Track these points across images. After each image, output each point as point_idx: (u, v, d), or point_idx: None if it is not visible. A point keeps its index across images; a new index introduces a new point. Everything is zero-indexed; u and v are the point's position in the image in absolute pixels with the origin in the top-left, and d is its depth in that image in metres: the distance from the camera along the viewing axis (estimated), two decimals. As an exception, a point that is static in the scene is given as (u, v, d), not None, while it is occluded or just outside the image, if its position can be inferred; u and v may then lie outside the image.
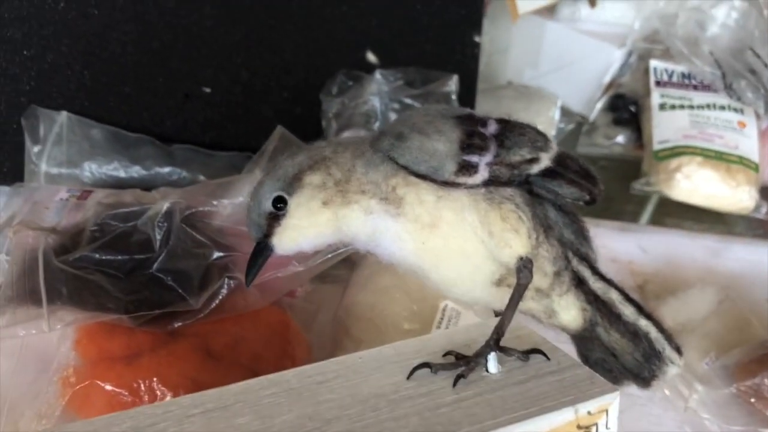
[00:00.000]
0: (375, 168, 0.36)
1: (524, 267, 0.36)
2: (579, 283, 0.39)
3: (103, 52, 0.65)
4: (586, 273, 0.39)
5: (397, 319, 0.55)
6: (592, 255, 0.40)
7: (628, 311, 0.39)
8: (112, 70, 0.66)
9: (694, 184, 0.80)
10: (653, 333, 0.39)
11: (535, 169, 0.37)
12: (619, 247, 0.73)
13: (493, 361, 0.35)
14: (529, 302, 0.39)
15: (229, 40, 0.67)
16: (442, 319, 0.54)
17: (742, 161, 0.80)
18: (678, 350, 0.39)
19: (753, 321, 0.63)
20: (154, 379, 0.48)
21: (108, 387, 0.48)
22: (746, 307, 0.65)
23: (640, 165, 0.85)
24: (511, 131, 0.37)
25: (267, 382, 0.34)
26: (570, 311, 0.39)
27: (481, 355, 0.35)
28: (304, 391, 0.33)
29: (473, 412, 0.32)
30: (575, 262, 0.39)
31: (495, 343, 0.35)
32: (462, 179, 0.35)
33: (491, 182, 0.36)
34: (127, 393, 0.48)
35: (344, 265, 0.63)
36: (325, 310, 0.59)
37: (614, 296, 0.39)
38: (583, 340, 0.41)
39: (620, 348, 0.40)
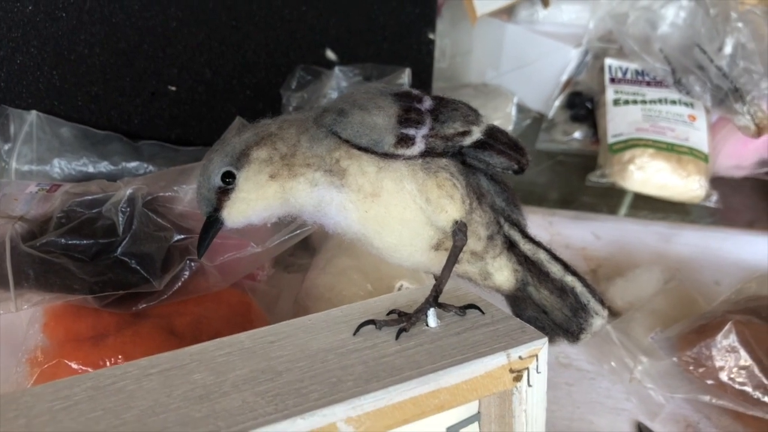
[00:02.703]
0: (319, 142, 0.38)
1: (459, 230, 0.39)
2: (511, 246, 0.42)
3: (71, 53, 0.67)
4: (517, 236, 0.42)
5: (355, 299, 0.56)
6: (522, 221, 0.43)
7: (555, 269, 0.42)
8: (80, 70, 0.67)
9: (646, 174, 0.83)
10: (578, 287, 0.42)
11: (468, 141, 0.40)
12: (574, 234, 0.76)
13: (432, 317, 0.38)
14: (465, 265, 0.41)
15: (193, 40, 0.69)
16: (397, 298, 0.57)
17: (693, 152, 0.84)
18: (602, 302, 0.42)
19: (699, 300, 0.66)
20: (120, 357, 0.50)
21: (75, 365, 0.50)
22: (694, 288, 0.68)
23: (597, 159, 0.88)
24: (444, 106, 0.40)
25: (221, 344, 0.37)
26: (503, 272, 0.42)
27: (421, 311, 0.38)
28: (257, 349, 0.36)
29: (414, 359, 0.35)
30: (506, 227, 0.42)
31: (434, 299, 0.38)
32: (400, 151, 0.38)
33: (427, 153, 0.38)
34: (93, 371, 0.50)
35: (306, 254, 0.66)
36: (286, 294, 0.62)
37: (542, 256, 0.42)
38: (516, 299, 0.43)
39: (550, 305, 0.43)
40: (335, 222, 0.39)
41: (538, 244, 0.42)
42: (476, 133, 0.40)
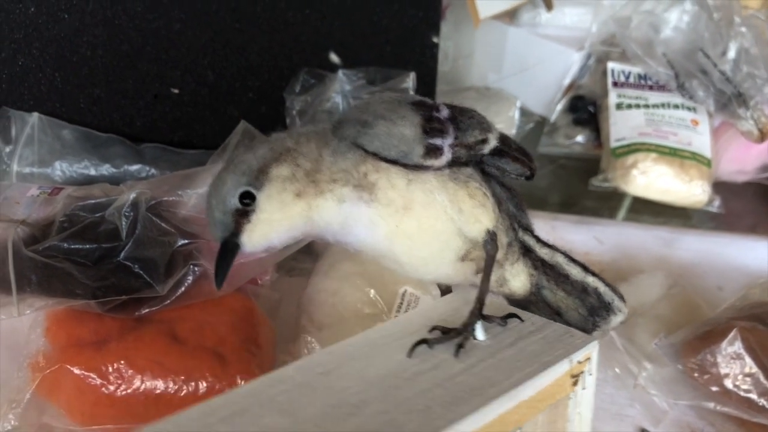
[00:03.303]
0: (342, 156, 0.36)
1: (491, 239, 0.38)
2: (526, 251, 0.42)
3: (73, 55, 0.66)
4: (531, 241, 0.42)
5: (358, 305, 0.57)
6: (532, 225, 0.43)
7: (574, 271, 0.42)
8: (82, 72, 0.67)
9: (649, 179, 0.83)
10: (601, 287, 0.42)
11: (487, 148, 0.39)
12: (576, 239, 0.75)
13: (480, 330, 0.37)
14: (479, 276, 0.41)
15: (196, 42, 0.68)
16: (401, 303, 0.57)
17: (695, 157, 0.83)
18: (623, 299, 0.43)
19: (702, 305, 0.66)
20: (122, 362, 0.50)
21: (77, 371, 0.49)
22: (697, 293, 0.68)
23: (599, 163, 0.88)
24: (462, 115, 0.39)
25: (271, 381, 0.33)
26: (520, 278, 0.42)
27: (469, 324, 0.37)
28: (314, 383, 0.33)
29: (486, 376, 0.34)
30: (521, 233, 0.42)
31: (479, 312, 0.38)
32: (429, 162, 0.37)
33: (453, 163, 0.38)
34: (95, 376, 0.50)
35: (309, 258, 0.66)
36: (289, 298, 0.61)
37: (560, 259, 0.42)
38: (527, 303, 0.43)
39: (565, 306, 0.43)
40: (360, 239, 0.37)
41: (553, 247, 0.42)
42: (492, 141, 0.39)
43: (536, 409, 0.34)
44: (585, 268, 0.42)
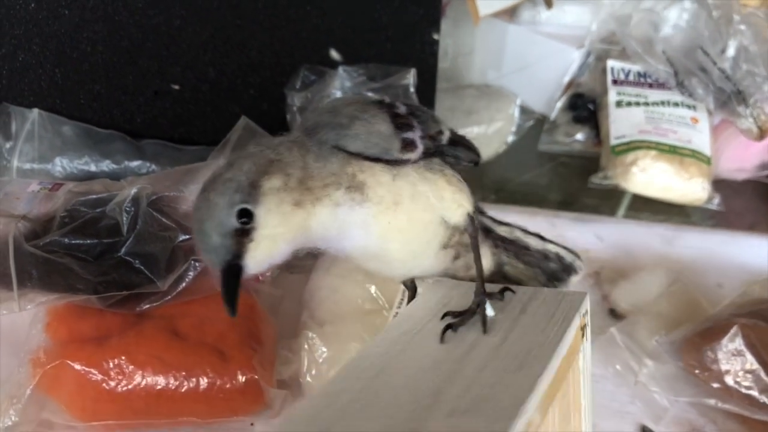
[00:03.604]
0: (327, 160, 0.36)
1: (471, 221, 0.40)
2: (487, 232, 0.44)
3: (73, 51, 0.66)
4: (488, 222, 0.44)
5: (359, 301, 0.57)
6: (482, 208, 0.44)
7: (533, 242, 0.44)
8: (82, 68, 0.67)
9: (649, 176, 0.83)
10: (561, 251, 0.45)
11: (444, 138, 0.40)
12: (576, 236, 0.75)
13: (489, 307, 0.38)
14: (455, 262, 0.42)
15: (197, 39, 0.68)
16: (402, 300, 0.57)
17: (695, 155, 0.83)
18: (579, 257, 0.45)
19: (702, 302, 0.66)
20: (123, 358, 0.50)
21: (77, 366, 0.49)
22: (697, 290, 0.68)
23: (599, 161, 0.88)
24: (416, 110, 0.40)
25: (329, 396, 0.32)
26: (485, 259, 0.43)
27: (480, 303, 0.38)
28: (373, 386, 0.32)
29: (522, 343, 0.35)
30: (477, 215, 0.42)
31: (483, 291, 0.38)
32: (407, 155, 0.37)
33: (424, 155, 0.38)
34: (96, 372, 0.50)
35: (309, 255, 0.65)
36: (290, 295, 0.61)
37: (519, 234, 0.44)
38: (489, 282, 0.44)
39: (526, 277, 0.45)
40: (355, 242, 0.37)
41: (508, 224, 0.44)
42: (446, 131, 0.41)
43: (568, 363, 0.36)
44: (542, 237, 0.45)
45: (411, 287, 0.44)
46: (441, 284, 0.42)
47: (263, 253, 0.34)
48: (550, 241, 0.46)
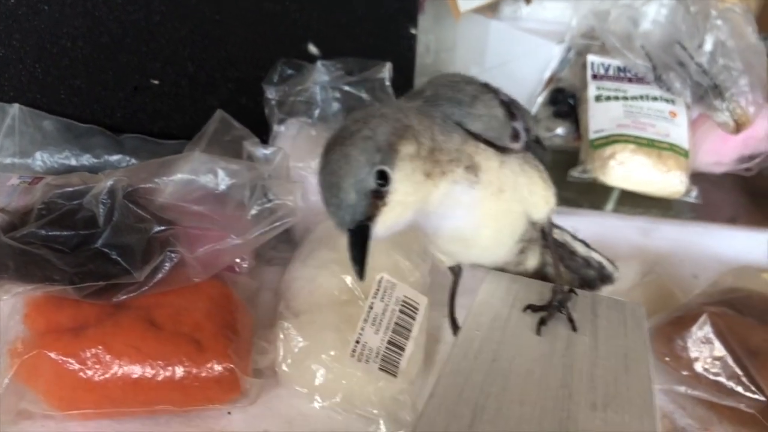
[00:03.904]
0: (449, 135, 0.35)
1: (549, 219, 0.40)
2: (542, 232, 0.43)
3: (53, 46, 0.67)
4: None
5: (335, 292, 0.57)
6: None
7: (580, 248, 0.45)
8: (63, 63, 0.67)
9: (627, 170, 0.84)
10: (604, 261, 0.46)
11: (533, 134, 0.40)
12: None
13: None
14: (518, 256, 0.42)
15: (176, 34, 0.69)
16: (378, 290, 0.57)
17: (673, 148, 0.84)
18: (617, 268, 0.47)
19: (676, 292, 0.67)
20: (100, 347, 0.50)
21: (55, 356, 0.50)
22: (672, 281, 0.69)
23: (579, 155, 0.89)
24: (515, 102, 0.40)
25: (457, 385, 0.32)
26: (535, 256, 0.43)
27: (564, 300, 0.39)
28: (497, 369, 0.33)
29: (618, 345, 0.36)
30: None
31: (567, 290, 0.39)
32: (513, 144, 0.37)
33: (522, 148, 0.38)
34: (73, 362, 0.50)
35: (289, 247, 0.66)
36: (267, 286, 0.62)
37: (568, 238, 0.44)
38: None
39: (563, 281, 0.43)
40: (456, 222, 0.36)
41: (560, 227, 0.44)
42: (534, 127, 0.41)
43: None
44: (587, 245, 0.46)
45: (459, 273, 0.44)
46: (502, 276, 0.42)
47: (393, 219, 0.33)
48: (594, 250, 0.46)
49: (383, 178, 0.32)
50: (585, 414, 0.30)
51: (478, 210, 0.36)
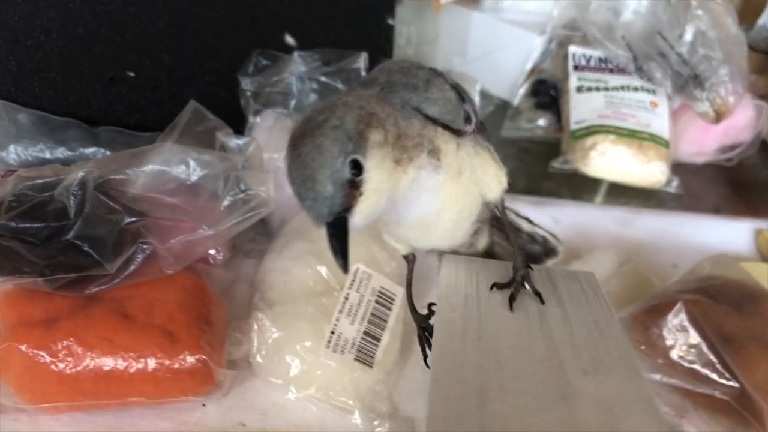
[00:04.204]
0: (410, 121, 0.34)
1: (501, 199, 0.41)
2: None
3: (27, 38, 0.66)
4: None
5: (310, 283, 0.57)
6: None
7: (525, 225, 0.46)
8: (37, 56, 0.67)
9: (608, 160, 0.84)
10: (547, 235, 0.47)
11: (478, 118, 0.40)
12: (534, 218, 0.76)
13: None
14: (471, 237, 0.42)
15: (152, 25, 0.68)
16: (353, 281, 0.57)
17: (654, 138, 0.84)
18: (560, 242, 0.48)
19: (654, 281, 0.67)
20: (71, 340, 0.50)
21: (26, 349, 0.50)
22: (650, 270, 0.69)
23: (561, 146, 0.89)
24: (459, 86, 0.40)
25: (451, 364, 0.33)
26: (485, 236, 0.44)
27: (526, 275, 0.39)
28: (487, 348, 0.33)
29: (585, 313, 0.37)
30: None
31: (526, 265, 0.40)
32: (466, 127, 0.37)
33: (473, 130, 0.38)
34: (44, 354, 0.50)
35: (266, 240, 0.66)
36: (244, 278, 0.62)
37: (512, 216, 0.44)
38: None
39: (510, 257, 0.45)
40: (420, 208, 0.36)
41: (504, 206, 0.44)
42: (477, 110, 0.41)
43: None
44: (530, 221, 0.47)
45: (413, 261, 0.44)
46: (458, 259, 0.42)
47: (369, 208, 0.32)
48: (538, 225, 0.47)
49: (357, 167, 0.31)
50: (579, 380, 0.31)
51: (440, 194, 0.36)
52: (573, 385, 0.31)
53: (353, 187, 0.31)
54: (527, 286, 0.38)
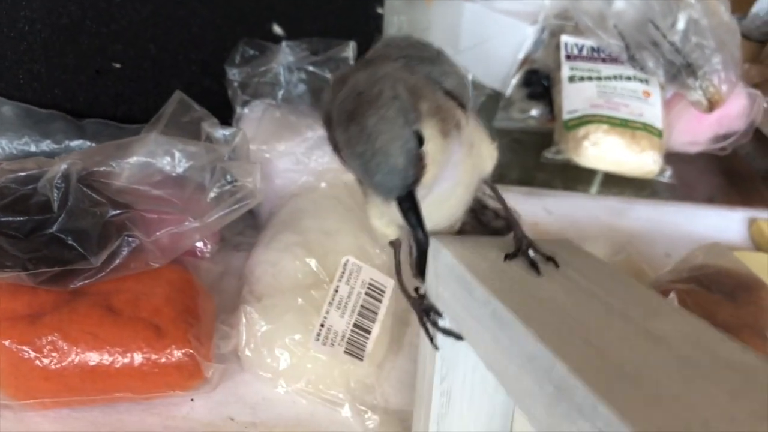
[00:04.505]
0: (438, 94, 0.34)
1: (491, 175, 0.40)
2: None
3: (11, 30, 0.65)
4: None
5: (299, 275, 0.56)
6: None
7: (489, 201, 0.43)
8: (20, 47, 0.66)
9: (600, 150, 0.83)
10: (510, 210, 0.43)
11: None
12: (526, 209, 0.75)
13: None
14: (456, 222, 0.41)
15: (137, 15, 0.67)
16: (343, 273, 0.56)
17: (647, 128, 0.84)
18: (519, 215, 0.44)
19: (647, 271, 0.66)
20: (56, 334, 0.49)
21: (10, 344, 0.49)
22: (643, 260, 0.68)
23: (553, 136, 0.88)
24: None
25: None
26: (463, 218, 0.42)
27: (531, 246, 0.37)
28: (546, 311, 0.32)
29: (592, 273, 0.35)
30: None
31: (525, 235, 0.38)
32: (464, 101, 0.36)
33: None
34: (28, 350, 0.49)
35: (255, 232, 0.65)
36: (233, 271, 0.61)
37: (478, 194, 0.43)
38: None
39: (477, 234, 0.44)
40: (444, 183, 0.35)
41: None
42: None
43: None
44: (491, 197, 0.44)
45: (399, 246, 0.43)
46: (452, 239, 0.40)
47: (430, 181, 0.32)
48: (501, 200, 0.45)
49: (420, 139, 0.31)
50: (650, 323, 0.30)
51: (460, 168, 0.35)
52: (650, 329, 0.29)
53: (420, 159, 0.31)
54: (539, 253, 0.37)
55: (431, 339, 0.40)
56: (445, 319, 0.39)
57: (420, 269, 0.36)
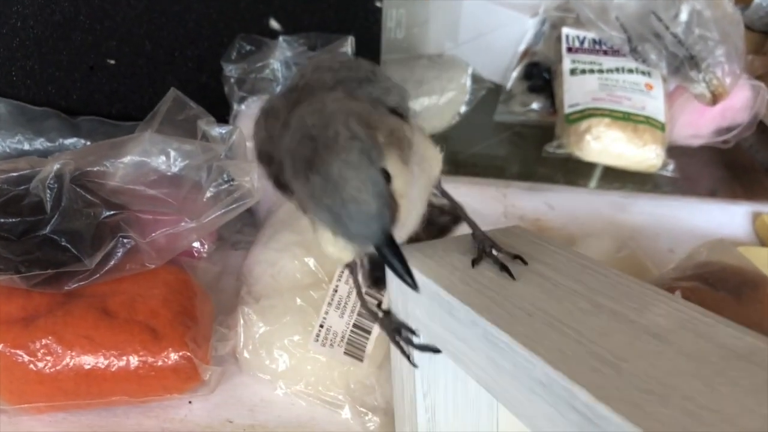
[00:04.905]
0: (387, 116, 0.33)
1: (439, 180, 0.39)
2: None
3: (3, 26, 0.64)
4: None
5: (297, 275, 0.55)
6: None
7: (434, 199, 0.42)
8: (13, 44, 0.65)
9: (602, 144, 0.82)
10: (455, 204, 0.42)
11: None
12: (528, 205, 0.75)
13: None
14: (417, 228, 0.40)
15: (132, 11, 0.66)
16: (342, 273, 0.56)
17: (649, 121, 0.83)
18: (462, 207, 0.42)
19: (650, 267, 0.65)
20: (50, 338, 0.49)
21: (3, 348, 0.48)
22: (646, 256, 0.67)
23: (554, 130, 0.87)
24: None
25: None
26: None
27: (494, 246, 0.36)
28: (538, 322, 0.31)
29: (563, 268, 0.35)
30: None
31: (487, 236, 0.37)
32: (408, 114, 0.36)
33: None
34: (23, 353, 0.48)
35: (254, 231, 0.64)
36: (231, 270, 0.60)
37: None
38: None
39: (426, 233, 0.41)
40: (406, 206, 0.32)
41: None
42: None
43: None
44: (436, 195, 0.43)
45: (356, 266, 0.42)
46: (411, 248, 0.39)
47: (405, 217, 0.30)
48: (446, 195, 0.43)
49: (386, 175, 0.28)
50: (646, 318, 0.29)
51: (419, 183, 0.34)
52: (647, 324, 0.29)
53: (390, 198, 0.28)
54: (502, 253, 0.36)
55: (408, 358, 0.38)
56: (419, 335, 0.37)
57: (374, 280, 0.34)
